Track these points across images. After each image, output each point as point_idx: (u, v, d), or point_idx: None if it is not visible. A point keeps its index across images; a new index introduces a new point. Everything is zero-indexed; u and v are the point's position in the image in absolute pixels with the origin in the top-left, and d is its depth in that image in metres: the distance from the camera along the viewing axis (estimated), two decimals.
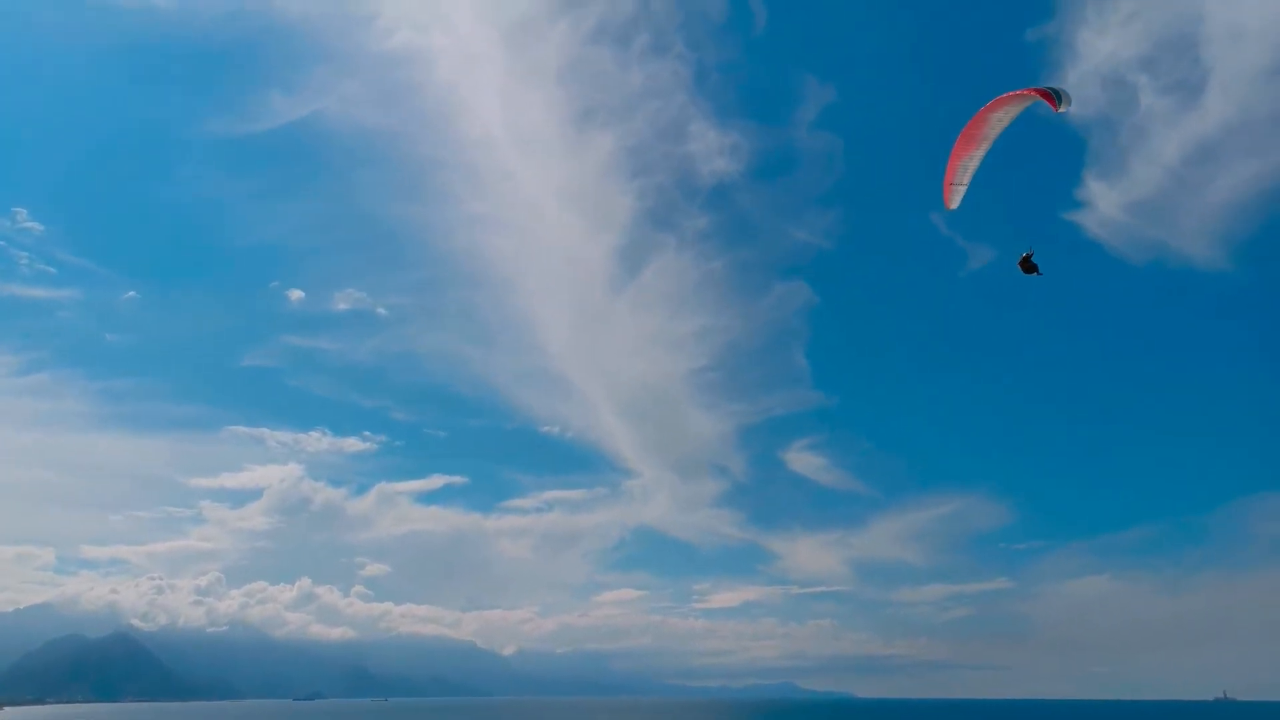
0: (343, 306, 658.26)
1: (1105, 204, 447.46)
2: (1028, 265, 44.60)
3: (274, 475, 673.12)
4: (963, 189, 47.62)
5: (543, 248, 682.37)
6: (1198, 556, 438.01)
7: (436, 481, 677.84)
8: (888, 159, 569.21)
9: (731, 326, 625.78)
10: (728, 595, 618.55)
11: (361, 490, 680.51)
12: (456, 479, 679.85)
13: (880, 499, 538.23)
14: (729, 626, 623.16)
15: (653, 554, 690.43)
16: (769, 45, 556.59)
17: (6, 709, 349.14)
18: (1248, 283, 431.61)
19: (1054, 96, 40.47)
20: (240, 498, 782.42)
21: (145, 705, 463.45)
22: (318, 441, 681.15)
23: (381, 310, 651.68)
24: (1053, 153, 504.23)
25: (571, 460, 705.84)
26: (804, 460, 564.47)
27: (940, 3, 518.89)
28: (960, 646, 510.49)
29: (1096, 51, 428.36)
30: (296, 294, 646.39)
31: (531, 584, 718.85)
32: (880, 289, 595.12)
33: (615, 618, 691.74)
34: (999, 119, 44.00)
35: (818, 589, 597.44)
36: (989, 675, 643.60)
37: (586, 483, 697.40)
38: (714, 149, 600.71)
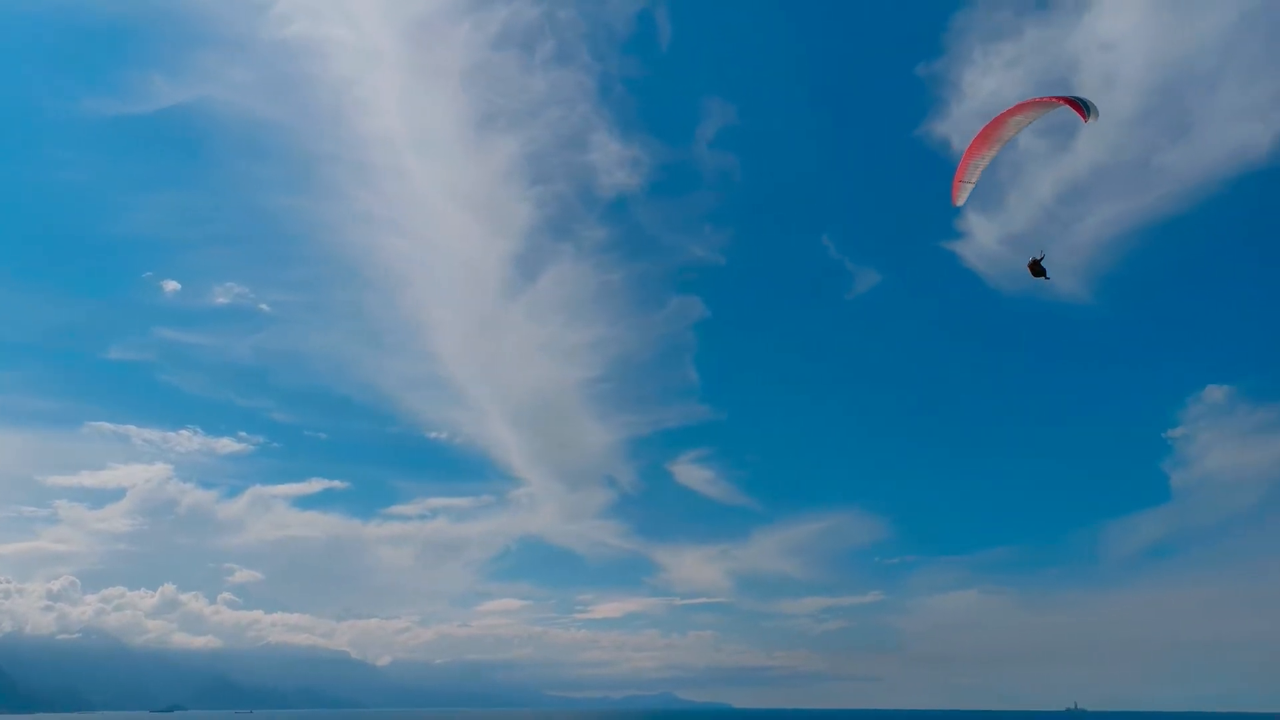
0: (222, 301, 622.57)
1: (983, 235, 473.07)
2: (1036, 269, 45.32)
3: (139, 475, 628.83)
4: (970, 187, 47.87)
5: (437, 250, 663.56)
6: (1056, 575, 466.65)
7: (315, 486, 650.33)
8: (783, 182, 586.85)
9: (626, 338, 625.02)
10: (611, 606, 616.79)
11: (234, 493, 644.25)
12: (337, 484, 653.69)
13: (764, 512, 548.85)
14: (611, 637, 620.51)
15: (538, 564, 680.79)
16: (673, 62, 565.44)
17: None
18: (1109, 316, 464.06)
19: (1084, 107, 40.93)
20: (101, 498, 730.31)
21: None
22: (188, 441, 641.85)
23: (264, 306, 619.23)
24: (936, 184, 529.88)
25: (458, 467, 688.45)
26: (691, 473, 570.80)
27: (838, 33, 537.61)
28: (835, 658, 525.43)
29: (980, 90, 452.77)
30: (172, 285, 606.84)
31: (411, 593, 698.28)
32: (770, 307, 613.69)
33: (497, 628, 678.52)
34: (1018, 122, 44.35)
35: (700, 600, 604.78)
36: (862, 686, 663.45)
37: (473, 490, 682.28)
38: (615, 161, 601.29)
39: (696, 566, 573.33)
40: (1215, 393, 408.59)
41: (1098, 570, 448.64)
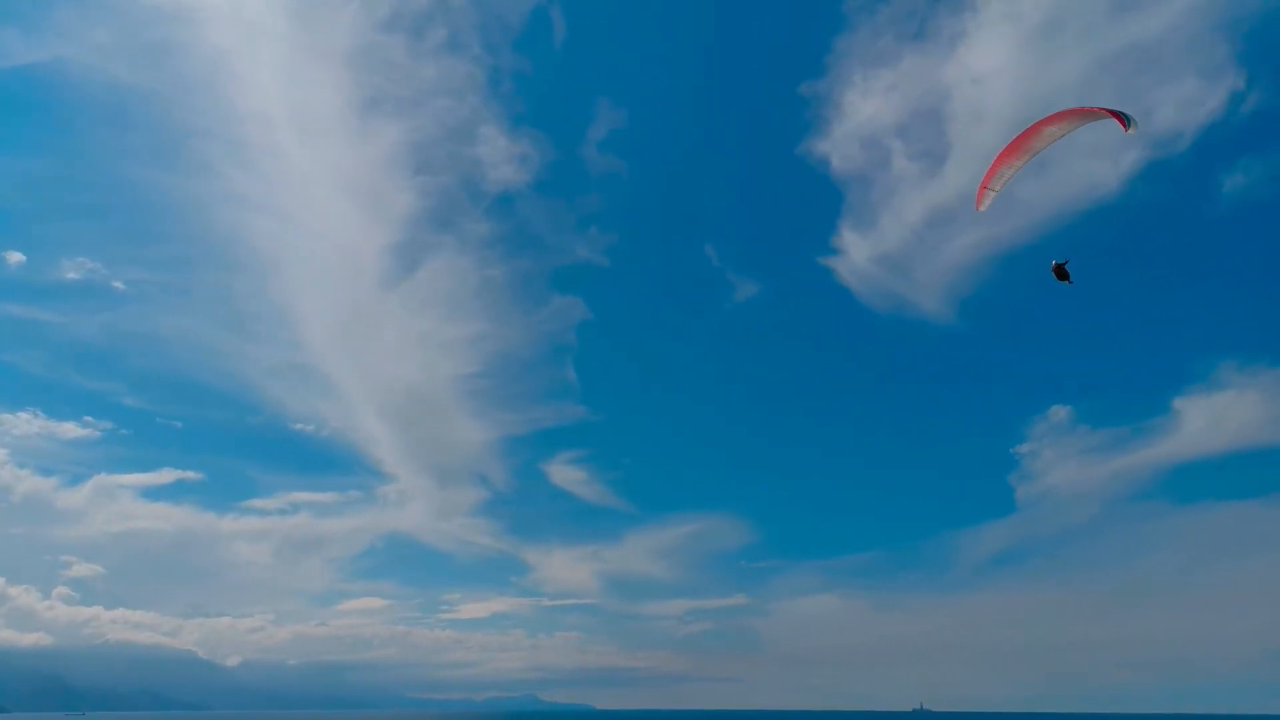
0: (71, 276, 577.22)
1: (856, 254, 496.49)
2: (1060, 272, 45.12)
3: None
4: (994, 195, 47.98)
5: (312, 236, 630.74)
6: (909, 580, 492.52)
7: (167, 476, 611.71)
8: (668, 189, 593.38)
9: (506, 335, 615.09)
10: (478, 606, 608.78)
11: (76, 481, 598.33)
12: (190, 474, 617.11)
13: (635, 515, 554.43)
14: (476, 638, 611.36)
15: (403, 562, 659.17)
16: (566, 61, 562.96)
17: None
18: (968, 336, 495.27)
19: (1125, 120, 40.54)
20: None
21: None
22: (27, 424, 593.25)
23: (118, 284, 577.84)
24: (815, 201, 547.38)
25: (323, 461, 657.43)
26: (565, 473, 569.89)
27: (727, 47, 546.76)
28: (698, 659, 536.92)
29: (859, 113, 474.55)
30: (16, 257, 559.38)
31: (267, 590, 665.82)
32: (651, 311, 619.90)
33: (358, 628, 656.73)
34: (1052, 133, 44.22)
35: (568, 601, 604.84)
36: (723, 687, 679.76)
37: (338, 485, 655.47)
38: (503, 156, 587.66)
39: (566, 567, 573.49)
40: (1059, 412, 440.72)
41: (948, 576, 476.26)
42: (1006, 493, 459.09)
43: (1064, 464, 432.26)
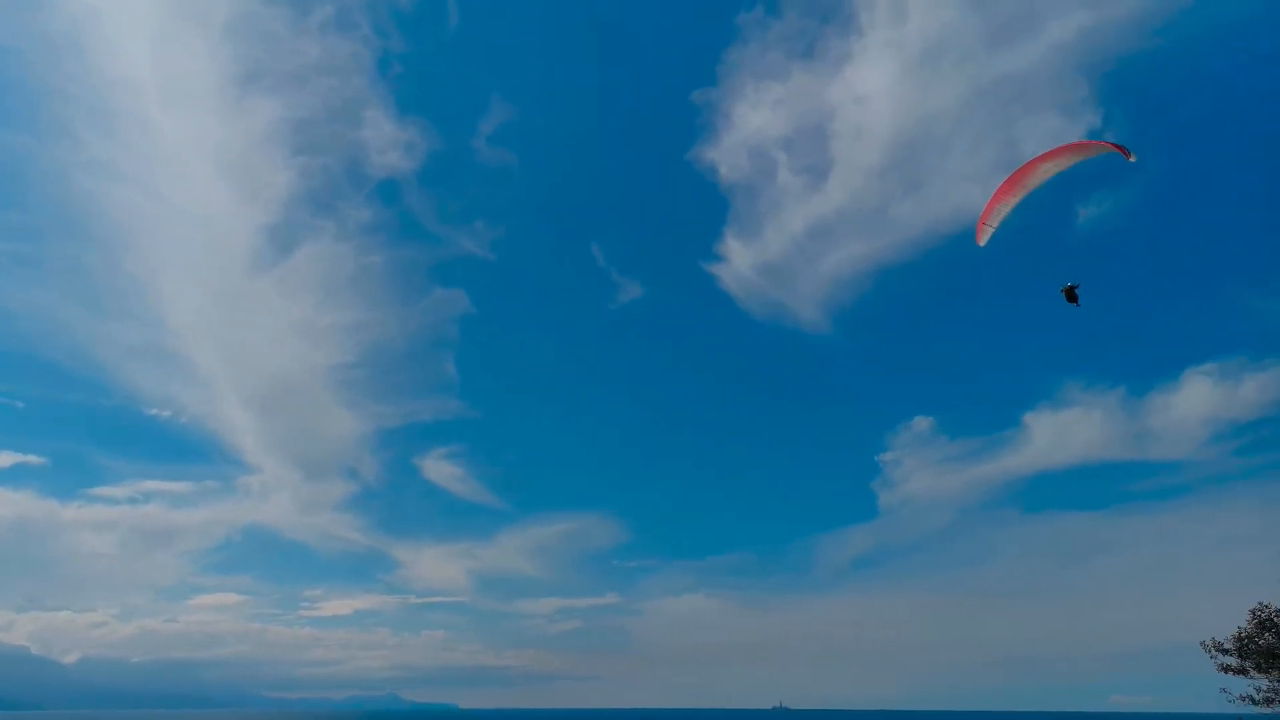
0: None
1: (740, 262, 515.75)
2: (1071, 295, 44.94)
3: None
4: (992, 230, 49.57)
5: (179, 212, 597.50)
6: (775, 582, 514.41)
7: (5, 460, 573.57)
8: (558, 186, 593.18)
9: (384, 325, 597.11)
10: (341, 603, 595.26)
11: None
12: (32, 459, 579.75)
13: (510, 513, 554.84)
14: (338, 636, 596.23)
15: (263, 556, 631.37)
16: (459, 50, 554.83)
17: None
18: (841, 346, 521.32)
19: (1125, 150, 42.38)
20: None
21: None
22: None
23: None
24: (702, 207, 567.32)
25: (180, 449, 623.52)
26: (440, 469, 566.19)
27: (623, 49, 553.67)
28: (567, 658, 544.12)
29: (748, 124, 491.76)
30: None
31: (112, 583, 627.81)
32: (535, 308, 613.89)
33: (210, 624, 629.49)
34: (1047, 169, 46.82)
35: (436, 599, 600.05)
36: (590, 686, 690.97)
37: (195, 474, 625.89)
38: (388, 142, 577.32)
39: (436, 564, 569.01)
40: (921, 423, 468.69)
41: (811, 578, 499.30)
42: (869, 498, 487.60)
43: (923, 472, 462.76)
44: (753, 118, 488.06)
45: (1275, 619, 28.41)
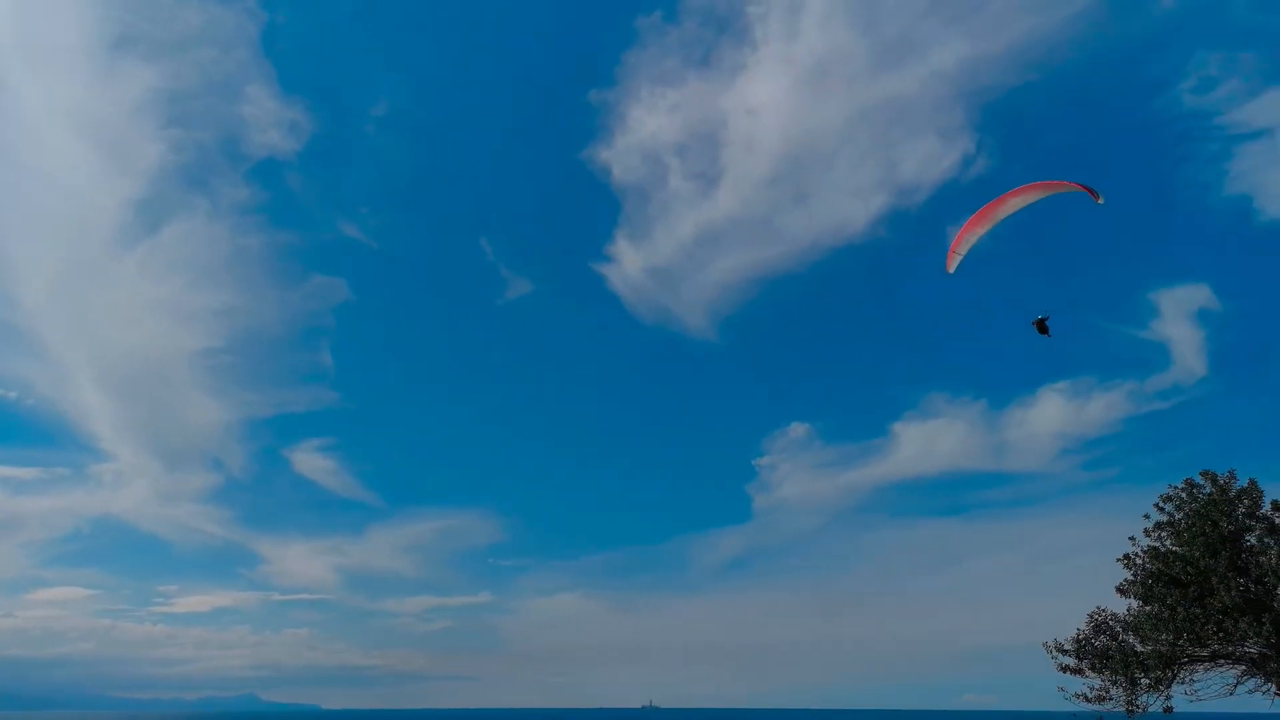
0: None
1: (629, 263, 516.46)
2: (1042, 327, 45.92)
3: None
4: (960, 258, 50.24)
5: (36, 179, 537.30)
6: (650, 581, 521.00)
7: None
8: (448, 177, 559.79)
9: (258, 311, 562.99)
10: (199, 599, 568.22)
11: None
12: None
13: (384, 508, 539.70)
14: (194, 633, 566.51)
15: (114, 549, 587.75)
16: (351, 29, 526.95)
17: None
18: (725, 352, 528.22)
19: (1094, 192, 42.86)
20: None
21: None
22: None
23: None
24: (594, 207, 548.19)
25: (26, 432, 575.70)
26: (311, 462, 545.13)
27: (521, 42, 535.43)
28: (437, 658, 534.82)
29: (643, 127, 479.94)
30: None
31: None
32: (419, 300, 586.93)
33: (51, 620, 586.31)
34: (1017, 203, 46.65)
35: (301, 596, 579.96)
36: (459, 685, 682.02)
37: (42, 460, 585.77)
38: (270, 119, 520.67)
39: (303, 560, 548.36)
40: (798, 429, 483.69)
41: (685, 579, 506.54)
42: (745, 501, 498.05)
43: (798, 477, 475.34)
44: (648, 121, 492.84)
45: (1110, 623, 30.48)
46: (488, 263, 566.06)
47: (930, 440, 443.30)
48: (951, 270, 51.84)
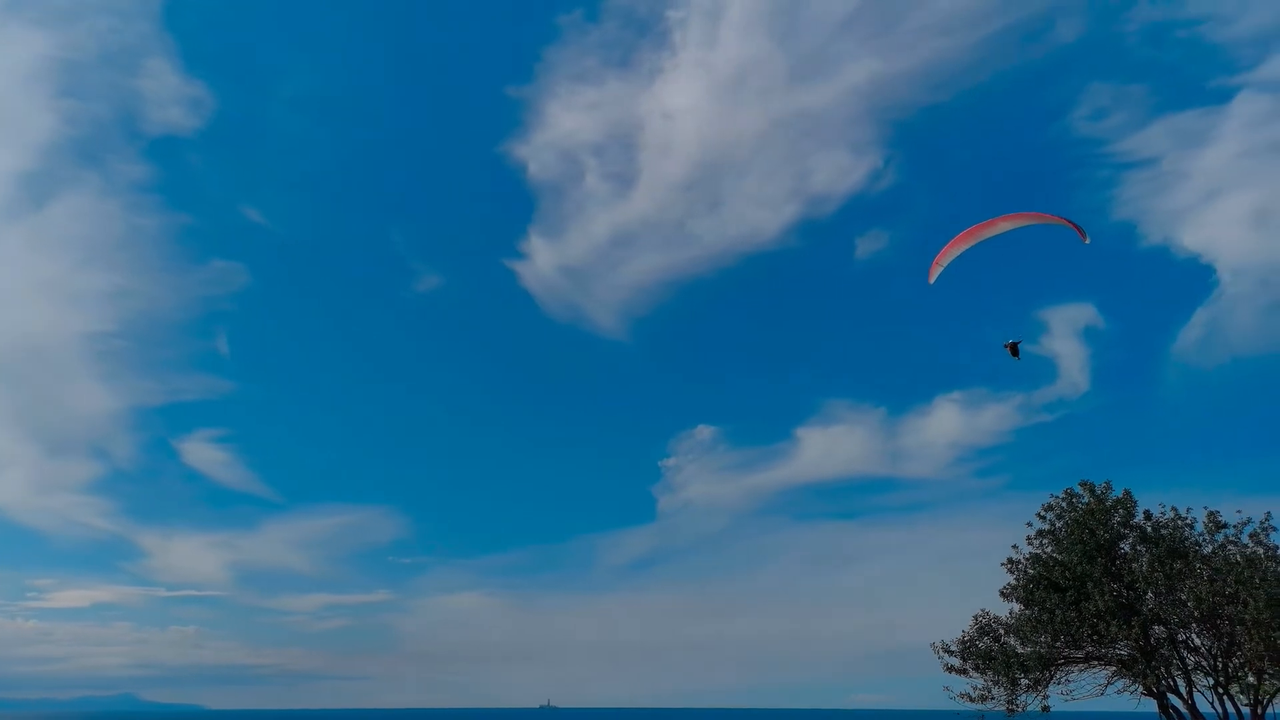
0: None
1: (542, 261, 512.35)
2: (1014, 350, 46.00)
3: None
4: (941, 269, 49.68)
5: None
6: (552, 580, 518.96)
7: None
8: (359, 163, 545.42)
9: (152, 294, 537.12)
10: (77, 594, 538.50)
11: None
12: None
13: (281, 502, 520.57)
14: (70, 630, 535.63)
15: None
16: (260, 6, 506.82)
17: None
18: (636, 353, 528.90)
19: (1081, 230, 43.57)
20: None
21: None
22: None
23: None
24: (508, 202, 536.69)
25: None
26: (204, 453, 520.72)
27: (440, 32, 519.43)
28: (330, 657, 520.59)
29: (561, 124, 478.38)
30: None
31: None
32: (324, 289, 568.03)
33: None
34: (1004, 227, 45.89)
35: (188, 593, 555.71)
36: (353, 686, 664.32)
37: None
38: (172, 95, 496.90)
39: (192, 555, 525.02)
40: (704, 431, 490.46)
41: (588, 578, 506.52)
42: (649, 502, 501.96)
43: (703, 478, 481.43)
44: (565, 119, 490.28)
45: (993, 625, 31.54)
46: (397, 254, 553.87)
47: (831, 445, 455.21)
48: (932, 281, 56.49)
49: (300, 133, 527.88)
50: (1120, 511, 31.14)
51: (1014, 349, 46.96)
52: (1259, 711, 29.48)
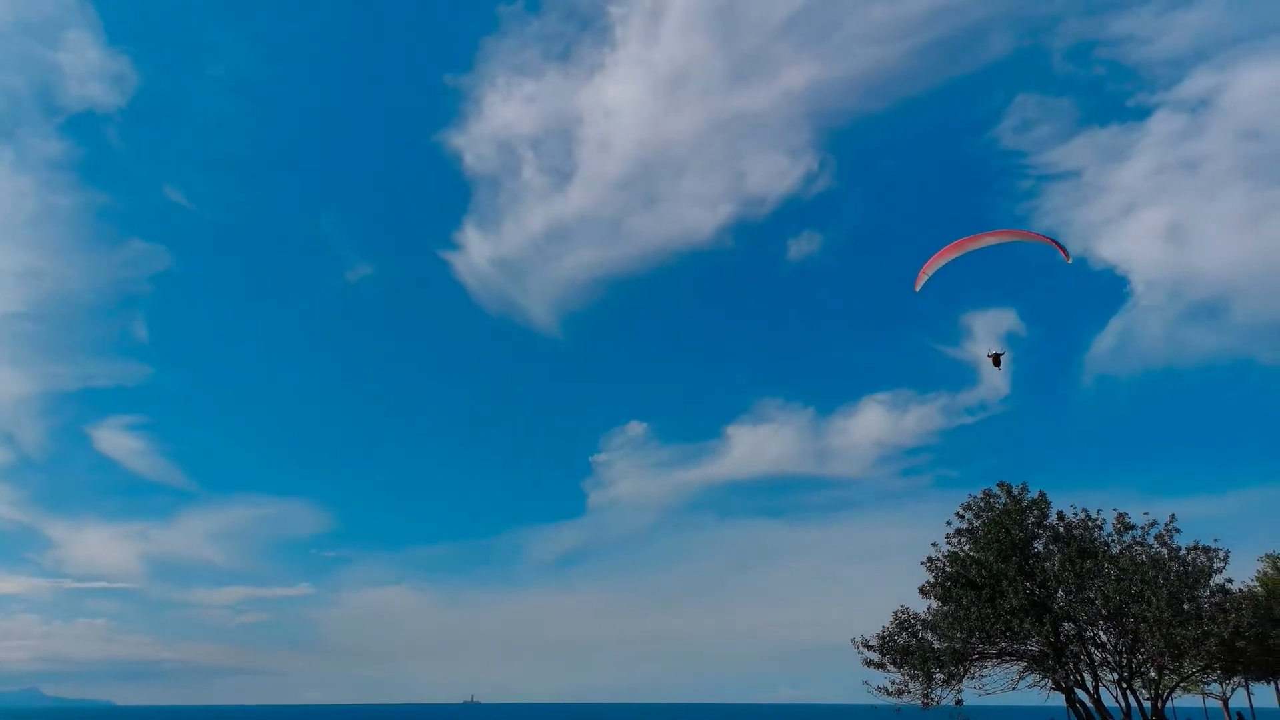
0: None
1: (476, 253, 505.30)
2: (996, 361, 46.84)
3: None
4: (927, 278, 51.06)
5: None
6: (480, 575, 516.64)
7: None
8: (289, 147, 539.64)
9: (67, 276, 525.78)
10: None
11: None
12: None
13: (197, 493, 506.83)
14: None
15: None
16: None
17: None
18: (569, 348, 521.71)
19: (1064, 250, 44.76)
20: None
21: None
22: None
23: None
24: (443, 193, 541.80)
25: None
26: (117, 441, 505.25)
27: (377, 18, 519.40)
28: (246, 652, 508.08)
29: (498, 116, 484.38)
30: None
31: None
32: (249, 274, 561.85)
33: None
34: (989, 241, 47.24)
35: (98, 585, 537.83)
36: (270, 681, 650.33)
37: None
38: (92, 71, 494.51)
39: (103, 546, 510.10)
40: (636, 428, 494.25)
41: (516, 573, 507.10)
42: (580, 497, 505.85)
43: (634, 474, 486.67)
44: (503, 110, 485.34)
45: (912, 621, 32.62)
46: (326, 241, 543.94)
47: (760, 443, 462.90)
48: (918, 289, 53.03)
49: (228, 113, 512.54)
50: (1035, 512, 32.11)
51: (996, 360, 47.88)
52: (1159, 705, 30.69)
